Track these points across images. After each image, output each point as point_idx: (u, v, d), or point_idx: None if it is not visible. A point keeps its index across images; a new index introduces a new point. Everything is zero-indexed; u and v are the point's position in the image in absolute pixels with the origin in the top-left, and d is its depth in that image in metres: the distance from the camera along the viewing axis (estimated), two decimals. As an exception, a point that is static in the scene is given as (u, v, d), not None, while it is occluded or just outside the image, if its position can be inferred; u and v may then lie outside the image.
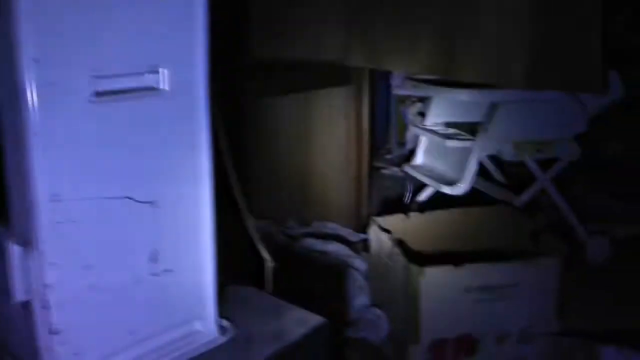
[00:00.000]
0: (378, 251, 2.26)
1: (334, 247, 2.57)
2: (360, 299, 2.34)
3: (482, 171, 3.01)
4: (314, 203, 2.97)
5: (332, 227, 2.87)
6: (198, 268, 1.27)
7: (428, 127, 2.70)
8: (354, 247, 2.63)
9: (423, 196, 2.77)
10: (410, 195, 2.83)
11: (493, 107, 2.48)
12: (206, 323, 1.30)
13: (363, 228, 2.71)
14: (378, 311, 2.26)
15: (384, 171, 3.81)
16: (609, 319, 2.33)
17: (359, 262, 2.47)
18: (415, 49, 2.50)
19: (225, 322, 1.35)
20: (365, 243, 2.51)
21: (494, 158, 2.82)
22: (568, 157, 2.61)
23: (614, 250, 2.79)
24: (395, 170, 3.65)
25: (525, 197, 2.55)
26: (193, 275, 1.26)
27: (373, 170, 3.61)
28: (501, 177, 2.98)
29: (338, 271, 2.40)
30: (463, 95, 2.48)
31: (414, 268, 1.98)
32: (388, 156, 3.99)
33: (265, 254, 1.61)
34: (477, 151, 2.47)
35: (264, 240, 2.66)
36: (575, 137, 2.64)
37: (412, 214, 2.40)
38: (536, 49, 2.25)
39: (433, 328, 2.02)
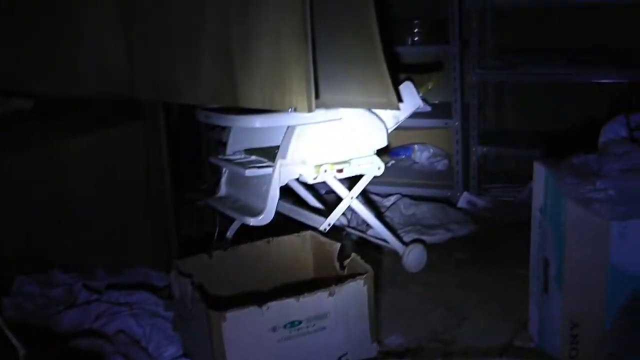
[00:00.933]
0: (181, 297, 2.10)
1: (139, 297, 2.38)
2: (169, 350, 2.17)
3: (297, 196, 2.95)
4: (123, 249, 2.77)
5: (143, 272, 2.67)
6: None
7: (226, 157, 2.58)
8: (161, 293, 2.45)
9: (231, 230, 2.66)
10: (218, 230, 2.71)
11: (290, 131, 2.41)
12: None
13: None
14: (188, 362, 2.10)
15: (199, 203, 3.66)
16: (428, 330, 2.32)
17: (164, 311, 2.29)
18: (200, 79, 2.38)
19: None
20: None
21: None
22: (372, 173, 2.59)
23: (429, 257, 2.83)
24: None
25: (331, 219, 2.50)
26: None
27: (186, 203, 3.45)
28: (315, 201, 2.92)
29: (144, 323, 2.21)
30: (256, 122, 2.38)
31: (214, 314, 1.84)
32: (203, 186, 3.85)
33: (15, 342, 1.40)
34: (277, 177, 2.38)
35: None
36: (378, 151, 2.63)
37: (216, 252, 2.25)
38: (323, 71, 2.22)
39: (243, 374, 1.90)
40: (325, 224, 2.50)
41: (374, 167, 2.56)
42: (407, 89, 2.67)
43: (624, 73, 3.09)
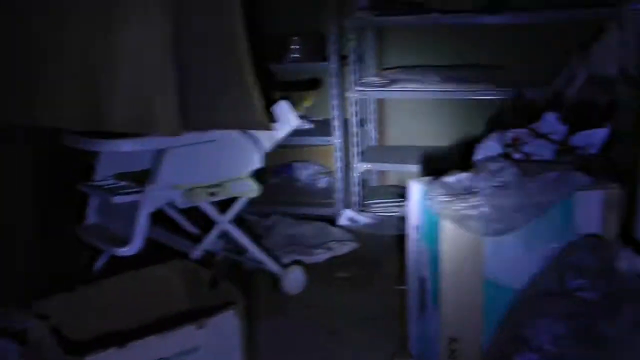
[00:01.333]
0: (37, 342, 1.93)
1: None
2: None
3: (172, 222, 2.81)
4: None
5: (2, 314, 2.45)
6: None
7: (95, 183, 2.43)
8: (20, 337, 2.25)
9: (100, 262, 2.50)
10: (87, 262, 2.54)
11: (159, 154, 2.30)
12: None
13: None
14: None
15: (69, 233, 3.44)
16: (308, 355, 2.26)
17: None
18: (62, 101, 2.22)
19: None
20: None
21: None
22: (247, 195, 2.51)
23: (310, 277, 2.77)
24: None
25: (204, 245, 2.40)
26: None
27: (55, 234, 3.23)
28: (190, 225, 2.79)
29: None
30: (124, 146, 2.25)
31: (71, 360, 1.69)
32: (73, 215, 3.62)
33: None
34: (147, 204, 2.25)
35: None
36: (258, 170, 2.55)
37: (80, 288, 2.09)
38: (192, 92, 2.12)
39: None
40: (198, 251, 2.40)
41: (248, 190, 2.48)
42: (282, 108, 2.60)
43: (501, 90, 3.15)
